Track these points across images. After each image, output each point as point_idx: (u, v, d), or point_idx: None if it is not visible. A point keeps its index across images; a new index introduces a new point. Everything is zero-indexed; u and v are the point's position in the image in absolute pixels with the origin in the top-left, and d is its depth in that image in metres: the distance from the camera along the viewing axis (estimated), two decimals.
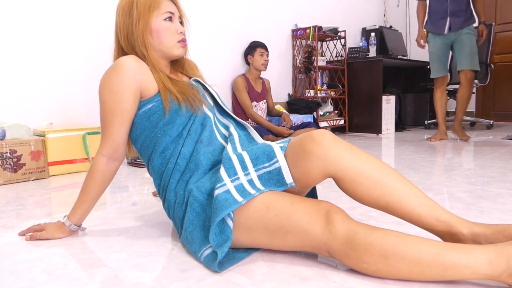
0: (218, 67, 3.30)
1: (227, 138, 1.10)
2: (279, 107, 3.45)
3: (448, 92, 3.66)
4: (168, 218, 1.29)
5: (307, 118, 3.48)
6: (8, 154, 2.05)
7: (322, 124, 3.84)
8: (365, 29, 4.69)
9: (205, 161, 1.03)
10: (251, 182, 0.93)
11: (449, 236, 0.86)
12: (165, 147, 1.07)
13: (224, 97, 3.28)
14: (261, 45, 3.18)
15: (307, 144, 0.90)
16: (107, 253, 1.03)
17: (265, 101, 3.26)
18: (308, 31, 3.78)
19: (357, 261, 0.81)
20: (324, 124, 3.88)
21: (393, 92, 4.32)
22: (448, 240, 0.86)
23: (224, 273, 0.89)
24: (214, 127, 1.12)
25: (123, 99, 1.04)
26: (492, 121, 4.29)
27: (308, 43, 3.85)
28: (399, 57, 4.43)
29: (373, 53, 4.22)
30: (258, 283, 0.83)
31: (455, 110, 4.35)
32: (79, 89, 2.54)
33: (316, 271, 0.88)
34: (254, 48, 3.17)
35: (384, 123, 4.00)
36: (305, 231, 0.85)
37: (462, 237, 0.84)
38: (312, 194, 1.15)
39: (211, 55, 3.27)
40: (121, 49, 1.14)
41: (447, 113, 3.90)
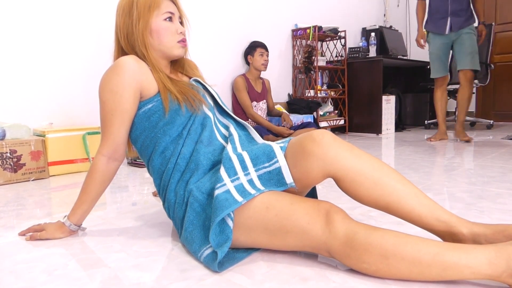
0: (218, 67, 3.30)
1: (227, 138, 1.10)
2: (279, 107, 3.44)
3: (448, 92, 3.66)
4: (168, 218, 1.29)
5: (307, 118, 3.48)
6: (8, 154, 2.05)
7: (322, 124, 3.84)
8: (365, 29, 4.69)
9: (205, 161, 1.03)
10: (251, 182, 0.93)
11: (449, 236, 0.86)
12: (165, 147, 1.07)
13: (224, 97, 3.28)
14: (261, 45, 3.18)
15: (307, 144, 0.90)
16: (107, 253, 1.03)
17: (265, 101, 3.26)
18: (308, 31, 3.78)
19: (357, 261, 0.81)
20: (324, 124, 3.88)
21: (393, 92, 4.32)
22: (448, 240, 0.86)
23: (224, 273, 0.89)
24: (214, 127, 1.12)
25: (123, 99, 1.04)
26: (492, 121, 4.29)
27: (308, 43, 3.85)
28: (399, 57, 4.43)
29: (373, 53, 4.22)
30: (258, 283, 0.83)
31: (455, 110, 4.37)
32: (79, 89, 2.54)
33: (316, 271, 0.88)
34: (254, 48, 3.17)
35: (384, 123, 4.00)
36: (305, 231, 0.85)
37: (462, 237, 0.85)
38: (312, 194, 1.15)
39: (211, 55, 3.27)
40: (121, 49, 1.14)
41: (447, 113, 3.90)
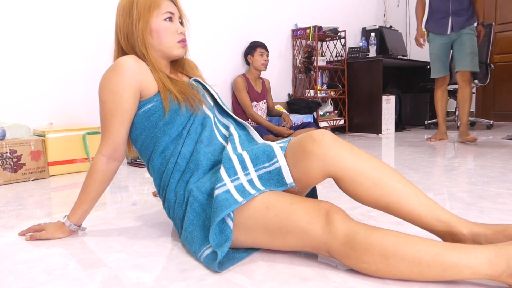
0: (218, 67, 3.30)
1: (227, 138, 1.10)
2: (279, 107, 3.44)
3: (448, 92, 3.65)
4: (168, 218, 1.29)
5: (307, 118, 3.48)
6: (8, 154, 2.05)
7: (322, 124, 3.84)
8: (365, 29, 4.69)
9: (205, 161, 1.03)
10: (251, 182, 0.93)
11: (449, 236, 0.86)
12: (165, 147, 1.07)
13: (224, 97, 3.28)
14: (261, 45, 3.18)
15: (307, 144, 0.90)
16: (107, 253, 1.03)
17: (265, 101, 3.26)
18: (308, 31, 3.78)
19: (357, 261, 0.81)
20: (324, 124, 3.88)
21: (393, 92, 4.32)
22: (448, 240, 0.86)
23: (224, 273, 0.89)
24: (214, 127, 1.12)
25: (123, 99, 1.04)
26: (492, 121, 4.29)
27: (308, 43, 3.85)
28: (399, 57, 4.43)
29: (373, 53, 4.22)
30: (258, 283, 0.83)
31: (455, 110, 4.37)
32: (79, 89, 2.54)
33: (316, 271, 0.88)
34: (254, 48, 3.17)
35: (384, 123, 4.00)
36: (305, 231, 0.85)
37: (462, 237, 0.85)
38: (312, 194, 1.15)
39: (211, 55, 3.27)
40: (121, 49, 1.14)
41: (447, 113, 3.89)
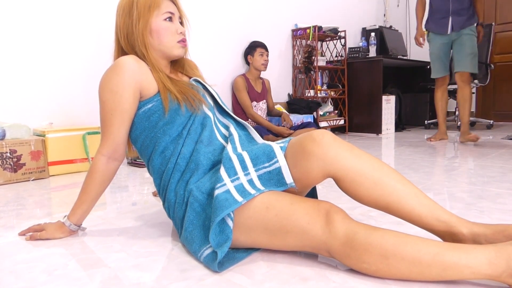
0: (218, 67, 3.30)
1: (227, 138, 1.10)
2: (279, 107, 3.44)
3: (448, 92, 3.65)
4: (168, 218, 1.29)
5: (307, 118, 3.48)
6: (8, 154, 2.05)
7: (322, 124, 3.84)
8: (365, 29, 4.69)
9: (205, 161, 1.03)
10: (251, 182, 0.93)
11: (449, 236, 0.86)
12: (165, 147, 1.07)
13: (224, 97, 3.28)
14: (261, 45, 3.18)
15: (307, 144, 0.90)
16: (107, 253, 1.03)
17: (265, 101, 3.26)
18: (308, 31, 3.78)
19: (357, 261, 0.81)
20: (324, 124, 3.88)
21: (393, 92, 4.32)
22: (448, 240, 0.86)
23: (224, 273, 0.89)
24: (214, 126, 1.12)
25: (122, 99, 1.04)
26: (492, 121, 4.29)
27: (308, 43, 3.85)
28: (399, 57, 4.43)
29: (373, 53, 4.22)
30: (258, 283, 0.83)
31: (455, 110, 4.37)
32: (79, 89, 2.54)
33: (316, 271, 0.88)
34: (254, 48, 3.17)
35: (384, 123, 4.00)
36: (305, 231, 0.85)
37: (462, 237, 0.85)
38: (312, 194, 1.15)
39: (211, 55, 3.27)
40: (121, 49, 1.14)
41: (448, 113, 3.89)
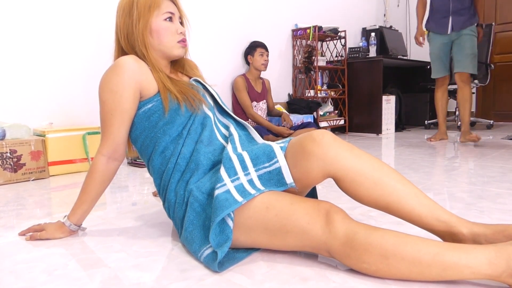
0: (218, 67, 3.30)
1: (227, 138, 1.10)
2: (279, 107, 3.44)
3: (449, 92, 3.64)
4: (168, 218, 1.29)
5: (307, 118, 3.48)
6: (8, 154, 2.05)
7: (322, 124, 3.84)
8: (365, 29, 4.69)
9: (205, 161, 1.03)
10: (251, 182, 0.93)
11: (449, 236, 0.86)
12: (165, 147, 1.07)
13: (224, 97, 3.28)
14: (261, 45, 3.18)
15: (307, 144, 0.90)
16: (107, 253, 1.03)
17: (265, 101, 3.26)
18: (308, 31, 3.78)
19: (357, 261, 0.81)
20: (324, 124, 3.88)
21: (393, 92, 4.32)
22: (448, 240, 0.86)
23: (224, 273, 0.89)
24: (214, 126, 1.12)
25: (122, 99, 1.04)
26: (492, 121, 4.29)
27: (308, 43, 3.85)
28: (399, 57, 4.43)
29: (373, 53, 4.22)
30: (258, 283, 0.83)
31: (455, 110, 4.37)
32: (79, 89, 2.54)
33: (316, 271, 0.88)
34: (254, 48, 3.17)
35: (384, 123, 4.00)
36: (305, 231, 0.85)
37: (462, 237, 0.85)
38: (312, 194, 1.15)
39: (211, 55, 3.27)
40: (121, 49, 1.14)
41: (448, 113, 3.89)
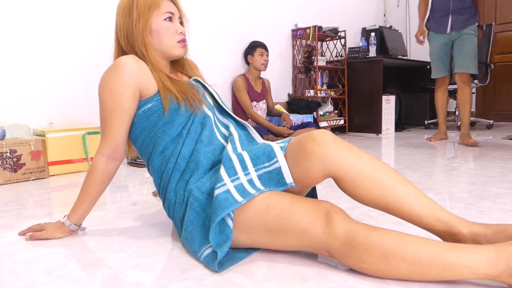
0: (218, 67, 3.30)
1: (227, 137, 1.10)
2: (279, 107, 3.44)
3: (449, 92, 3.64)
4: (168, 218, 1.29)
5: (307, 118, 3.48)
6: (8, 154, 2.05)
7: (322, 124, 3.84)
8: (365, 29, 4.69)
9: (205, 161, 1.03)
10: (251, 182, 0.93)
11: (449, 236, 0.86)
12: (165, 146, 1.07)
13: (224, 97, 3.28)
14: (261, 45, 3.18)
15: (307, 144, 0.90)
16: (107, 253, 1.03)
17: (265, 101, 3.26)
18: (308, 31, 3.78)
19: (357, 261, 0.81)
20: (324, 124, 3.88)
21: (393, 92, 4.32)
22: (448, 240, 0.86)
23: (224, 273, 0.89)
24: (214, 126, 1.12)
25: (122, 99, 1.04)
26: (492, 121, 4.29)
27: (308, 43, 3.85)
28: (399, 57, 4.43)
29: (373, 53, 4.22)
30: (258, 283, 0.83)
31: (455, 110, 4.37)
32: (79, 89, 2.54)
33: (316, 271, 0.88)
34: (254, 48, 3.17)
35: (384, 123, 4.00)
36: (305, 231, 0.85)
37: (462, 237, 0.85)
38: (312, 194, 1.15)
39: (211, 55, 3.27)
40: (121, 49, 1.14)
41: (448, 113, 3.89)
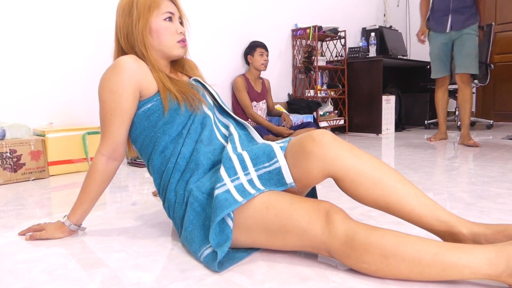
0: (218, 67, 3.30)
1: (227, 137, 1.10)
2: (279, 107, 3.44)
3: (449, 92, 3.63)
4: (168, 218, 1.29)
5: (307, 118, 3.48)
6: (8, 154, 2.05)
7: (322, 124, 3.84)
8: (365, 29, 4.69)
9: (205, 161, 1.03)
10: (251, 182, 0.93)
11: (449, 236, 0.86)
12: (164, 146, 1.07)
13: (224, 97, 3.28)
14: (261, 45, 3.18)
15: (307, 144, 0.90)
16: (107, 253, 1.03)
17: (265, 101, 3.26)
18: (308, 31, 3.78)
19: (357, 261, 0.81)
20: (324, 124, 3.88)
21: (393, 92, 4.32)
22: (448, 240, 0.86)
23: (224, 273, 0.89)
24: (214, 126, 1.12)
25: (122, 99, 1.04)
26: (492, 121, 4.29)
27: (308, 43, 3.84)
28: (399, 57, 4.43)
29: (373, 53, 4.22)
30: (258, 283, 0.83)
31: (455, 110, 4.37)
32: (79, 89, 2.54)
33: (316, 271, 0.88)
34: (254, 48, 3.17)
35: (384, 123, 4.00)
36: (305, 231, 0.85)
37: (462, 237, 0.85)
38: (312, 194, 1.15)
39: (211, 55, 3.27)
40: (121, 49, 1.14)
41: (448, 113, 3.89)
